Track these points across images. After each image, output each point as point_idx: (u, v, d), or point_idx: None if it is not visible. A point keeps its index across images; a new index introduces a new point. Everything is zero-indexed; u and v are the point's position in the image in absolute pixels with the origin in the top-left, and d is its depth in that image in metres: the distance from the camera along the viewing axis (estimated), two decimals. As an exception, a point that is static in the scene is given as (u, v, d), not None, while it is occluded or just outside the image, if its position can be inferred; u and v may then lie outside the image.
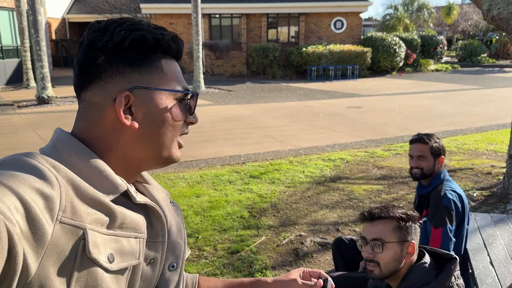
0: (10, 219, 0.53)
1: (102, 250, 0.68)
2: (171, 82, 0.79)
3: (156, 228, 0.80)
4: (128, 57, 0.74)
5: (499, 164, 5.82)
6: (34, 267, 0.58)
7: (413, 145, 2.53)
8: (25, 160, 0.65)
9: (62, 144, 0.74)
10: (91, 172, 0.72)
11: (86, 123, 0.77)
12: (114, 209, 0.70)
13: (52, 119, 9.52)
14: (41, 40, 11.41)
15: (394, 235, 1.60)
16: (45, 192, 0.60)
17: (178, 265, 0.86)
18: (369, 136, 7.77)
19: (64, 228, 0.62)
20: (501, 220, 2.78)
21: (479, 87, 15.10)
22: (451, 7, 29.33)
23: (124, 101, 0.74)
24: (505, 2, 4.25)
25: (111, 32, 0.73)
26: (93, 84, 0.75)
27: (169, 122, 0.78)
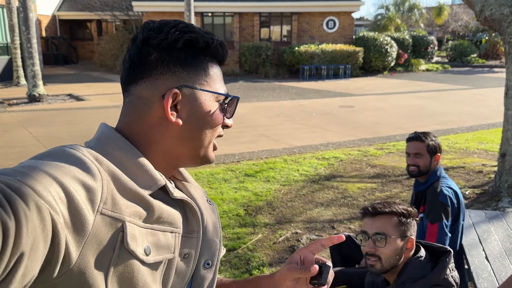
0: (54, 208, 0.55)
1: (140, 243, 0.70)
2: (215, 85, 0.82)
3: (191, 224, 0.82)
4: (179, 57, 0.78)
5: (490, 162, 5.91)
6: (75, 255, 0.60)
7: (410, 143, 2.58)
8: (70, 152, 0.67)
9: (106, 138, 0.77)
10: (132, 166, 0.74)
11: (132, 117, 0.80)
12: (152, 203, 0.73)
13: (43, 117, 9.45)
14: (32, 37, 11.31)
15: (396, 230, 1.64)
16: (88, 184, 0.63)
17: (213, 263, 0.87)
18: (362, 135, 7.83)
19: (104, 220, 0.64)
20: (495, 217, 2.84)
21: (469, 87, 15.27)
22: (442, 7, 29.58)
23: (171, 98, 0.76)
24: (497, 4, 4.32)
25: (166, 32, 0.77)
26: (144, 79, 0.78)
27: (209, 123, 0.81)
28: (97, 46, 22.06)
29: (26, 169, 0.58)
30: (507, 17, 4.24)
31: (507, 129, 4.49)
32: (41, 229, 0.51)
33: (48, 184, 0.57)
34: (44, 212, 0.52)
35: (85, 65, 23.14)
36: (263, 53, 18.28)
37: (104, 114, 9.69)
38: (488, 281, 2.02)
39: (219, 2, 19.16)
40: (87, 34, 27.12)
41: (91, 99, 12.12)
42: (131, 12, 21.41)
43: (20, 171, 0.56)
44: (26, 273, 0.50)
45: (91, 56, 24.51)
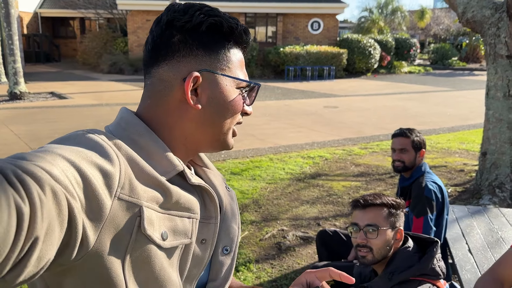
0: (71, 192, 0.55)
1: (157, 228, 0.70)
2: (236, 71, 0.81)
3: (209, 210, 0.82)
4: (203, 40, 0.77)
5: (471, 162, 6.04)
6: (93, 239, 0.60)
7: (396, 139, 2.62)
8: (89, 137, 0.67)
9: (126, 123, 0.77)
10: (150, 151, 0.74)
11: (152, 100, 0.79)
12: (170, 188, 0.72)
13: (25, 115, 9.28)
14: (13, 34, 11.10)
15: (387, 222, 1.68)
16: (105, 169, 0.63)
17: (231, 249, 0.87)
18: (346, 134, 7.91)
19: (121, 204, 0.64)
20: (478, 212, 2.92)
21: (450, 89, 15.57)
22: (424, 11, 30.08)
23: (192, 82, 0.76)
24: (479, 6, 4.42)
25: (190, 14, 0.76)
26: (166, 61, 0.77)
27: (229, 109, 0.81)
28: (80, 44, 21.80)
29: (43, 153, 0.57)
30: (488, 19, 4.34)
31: (487, 128, 4.60)
32: (57, 213, 0.51)
33: (65, 169, 0.56)
34: (60, 196, 0.52)
35: (67, 63, 22.80)
36: (248, 53, 18.22)
37: (87, 113, 9.57)
38: (471, 273, 2.07)
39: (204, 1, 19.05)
40: (70, 32, 26.75)
41: (73, 97, 11.95)
42: (115, 10, 21.19)
43: (37, 155, 0.56)
44: (42, 257, 0.50)
45: (74, 54, 24.19)
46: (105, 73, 18.49)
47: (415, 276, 1.59)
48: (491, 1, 4.44)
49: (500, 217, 2.84)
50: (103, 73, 18.52)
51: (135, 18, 19.71)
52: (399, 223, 1.72)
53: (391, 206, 1.70)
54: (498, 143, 4.47)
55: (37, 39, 23.44)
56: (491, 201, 4.30)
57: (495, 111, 4.47)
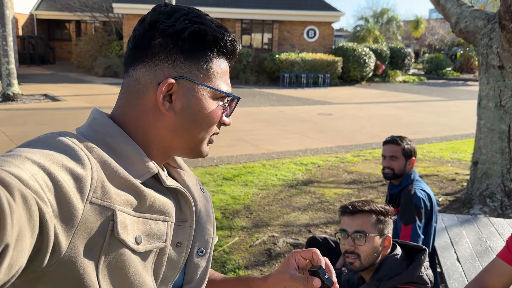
0: (42, 197, 0.54)
1: (130, 232, 0.69)
2: (217, 81, 0.79)
3: (184, 212, 0.81)
4: (184, 47, 0.75)
5: (462, 171, 6.06)
6: (65, 244, 0.59)
7: (386, 146, 2.63)
8: (59, 139, 0.65)
9: (97, 125, 0.75)
10: (123, 154, 0.73)
11: (127, 100, 0.78)
12: (144, 191, 0.71)
13: (17, 117, 9.22)
14: (7, 35, 11.05)
15: (375, 228, 1.67)
16: (76, 172, 0.61)
17: (206, 250, 0.86)
18: (339, 142, 7.92)
19: (94, 208, 0.63)
20: (467, 221, 2.92)
21: (444, 99, 15.67)
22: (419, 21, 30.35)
23: (167, 88, 0.74)
24: (472, 16, 4.46)
25: (175, 18, 0.74)
26: (143, 62, 0.76)
27: (204, 120, 0.78)
28: (75, 47, 21.72)
29: (11, 157, 0.56)
30: (481, 29, 4.38)
31: (479, 138, 4.62)
32: (28, 219, 0.50)
33: (34, 173, 0.55)
34: (30, 202, 0.50)
35: (62, 66, 22.73)
36: (244, 59, 18.34)
37: (80, 115, 9.52)
38: (459, 282, 2.07)
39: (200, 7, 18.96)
40: (65, 35, 26.68)
41: (67, 99, 11.90)
42: (111, 13, 21.20)
43: (5, 160, 0.54)
44: (13, 264, 0.48)
45: (69, 56, 24.10)
46: (100, 76, 18.44)
47: (402, 284, 1.58)
48: (483, 12, 4.49)
49: (489, 226, 2.85)
50: (98, 76, 18.47)
51: (131, 22, 19.70)
52: (387, 230, 1.71)
53: (379, 213, 1.69)
54: (489, 153, 4.49)
55: (32, 41, 23.35)
56: (481, 210, 4.31)
57: (487, 121, 4.49)
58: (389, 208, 1.74)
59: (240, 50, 0.84)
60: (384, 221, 1.70)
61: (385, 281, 1.60)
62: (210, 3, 19.43)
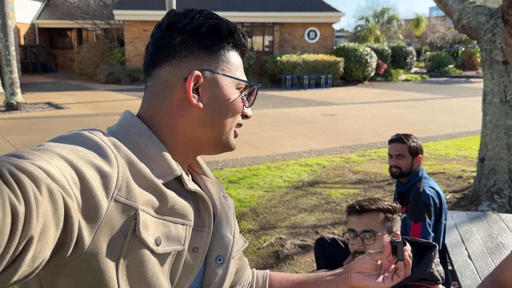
0: (68, 192, 0.55)
1: (151, 232, 0.70)
2: (236, 72, 0.83)
3: (203, 218, 0.81)
4: (203, 41, 0.79)
5: (469, 168, 6.02)
6: (88, 240, 0.60)
7: (392, 144, 2.61)
8: (89, 137, 0.67)
9: (128, 124, 0.78)
10: (150, 154, 0.74)
11: (153, 101, 0.80)
12: (166, 193, 0.72)
13: (21, 126, 9.25)
14: (10, 45, 11.11)
15: (383, 227, 1.65)
16: (103, 170, 0.63)
17: (225, 259, 0.86)
18: (343, 142, 7.90)
19: (118, 206, 0.64)
20: (476, 217, 2.89)
21: (447, 96, 15.62)
22: (420, 19, 30.32)
23: (194, 81, 0.77)
24: (474, 12, 4.44)
25: (191, 17, 0.78)
26: (167, 61, 0.79)
27: (230, 109, 0.82)
28: (77, 55, 21.80)
29: (40, 151, 0.57)
30: (484, 25, 4.36)
31: (485, 134, 4.59)
32: (53, 212, 0.51)
33: (62, 168, 0.56)
34: (56, 196, 0.51)
35: (64, 74, 22.83)
36: (246, 62, 18.28)
37: (84, 122, 9.55)
38: (471, 279, 2.04)
39: (201, 12, 19.17)
40: (67, 43, 26.80)
41: (70, 107, 11.94)
42: (112, 20, 21.28)
43: (34, 153, 0.55)
44: (36, 257, 0.49)
45: (71, 64, 24.19)
46: (102, 83, 18.50)
47: (413, 281, 1.56)
48: (486, 7, 4.46)
49: (499, 222, 2.82)
50: (100, 83, 18.53)
51: (132, 28, 19.78)
52: (395, 228, 1.69)
53: (387, 210, 1.67)
54: (495, 149, 4.46)
55: (34, 50, 23.47)
56: (489, 207, 4.28)
57: (492, 117, 4.46)
58: (396, 206, 1.72)
59: (249, 44, 0.87)
60: (392, 219, 1.68)
61: None
62: (211, 8, 19.43)
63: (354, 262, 0.97)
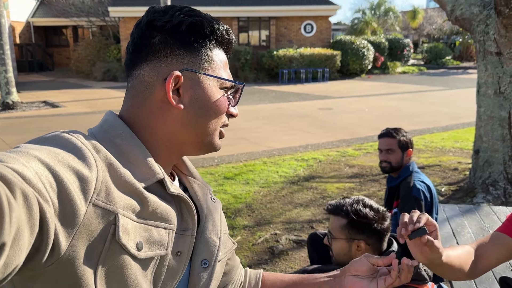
0: (44, 196, 0.53)
1: (132, 237, 0.68)
2: (219, 71, 0.80)
3: (186, 221, 0.79)
4: (183, 40, 0.76)
5: (465, 160, 6.02)
6: (65, 245, 0.58)
7: (382, 139, 2.60)
8: (68, 139, 0.65)
9: (109, 126, 0.76)
10: (131, 156, 0.72)
11: (134, 102, 0.78)
12: (147, 197, 0.70)
13: (17, 125, 9.23)
14: (4, 44, 11.06)
15: (342, 232, 1.64)
16: (81, 173, 0.61)
17: (210, 262, 0.84)
18: (340, 136, 7.89)
19: (96, 211, 0.62)
20: (469, 211, 2.89)
21: (444, 88, 15.60)
22: (416, 11, 30.21)
23: (174, 81, 0.75)
24: (467, 3, 4.42)
25: (171, 14, 0.75)
26: (146, 61, 0.76)
27: (213, 109, 0.79)
28: (73, 53, 21.72)
29: (17, 153, 0.55)
30: (477, 16, 4.34)
31: (479, 126, 4.58)
32: (27, 217, 0.49)
33: (39, 171, 0.54)
34: (31, 200, 0.49)
35: (61, 72, 22.76)
36: (242, 57, 18.30)
37: (81, 121, 9.52)
38: (462, 273, 2.03)
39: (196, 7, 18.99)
40: (63, 41, 26.70)
41: (67, 105, 11.91)
42: (107, 17, 21.19)
43: (10, 156, 0.53)
44: (9, 263, 0.47)
45: (67, 62, 24.12)
46: (99, 80, 18.45)
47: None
48: (479, -2, 4.44)
49: (491, 215, 2.81)
50: (97, 80, 18.48)
51: (128, 25, 19.70)
52: (362, 236, 1.62)
53: (350, 219, 1.61)
54: (490, 140, 4.46)
55: (30, 49, 23.38)
56: (485, 199, 4.28)
57: (487, 109, 4.45)
58: (368, 215, 1.61)
59: (235, 41, 0.85)
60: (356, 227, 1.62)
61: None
62: (206, 2, 19.39)
63: (350, 264, 0.96)
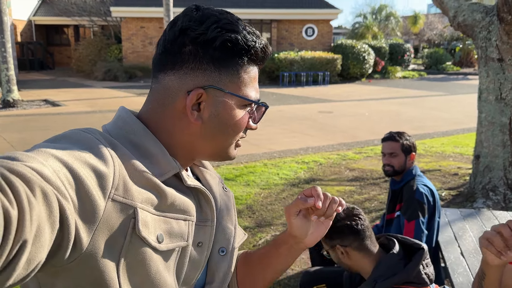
0: (63, 193, 0.54)
1: (152, 230, 0.69)
2: (246, 89, 0.78)
3: (205, 212, 0.81)
4: (214, 55, 0.73)
5: (465, 165, 6.04)
6: (86, 241, 0.59)
7: (385, 143, 2.61)
8: (84, 136, 0.66)
9: (123, 122, 0.76)
10: (146, 152, 0.73)
11: (154, 105, 0.78)
12: (165, 190, 0.71)
13: (18, 123, 9.23)
14: (6, 42, 11.06)
15: (324, 242, 1.72)
16: (99, 170, 0.62)
17: (228, 250, 0.86)
18: (340, 139, 7.91)
19: (115, 206, 0.63)
20: (470, 215, 2.91)
21: (444, 93, 15.63)
22: (417, 16, 30.30)
23: (196, 97, 0.74)
24: (470, 10, 4.45)
25: (206, 26, 0.72)
26: (173, 70, 0.75)
27: (232, 127, 0.78)
28: (74, 52, 21.72)
29: (34, 153, 0.56)
30: (479, 22, 4.36)
31: (480, 131, 4.60)
32: (48, 215, 0.50)
33: (57, 169, 0.55)
34: (50, 198, 0.51)
35: (61, 71, 22.76)
36: (243, 59, 18.31)
37: (81, 120, 9.53)
38: (464, 276, 2.05)
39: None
40: (64, 40, 26.72)
41: (67, 104, 11.91)
42: (109, 17, 21.22)
43: (28, 155, 0.54)
44: (31, 260, 0.49)
45: (68, 61, 24.12)
46: (99, 80, 18.45)
47: (398, 284, 1.55)
48: (481, 4, 4.47)
49: (492, 219, 2.83)
50: (97, 80, 18.48)
51: (129, 25, 19.73)
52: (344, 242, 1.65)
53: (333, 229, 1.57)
54: (491, 146, 4.48)
55: (31, 47, 23.39)
56: (485, 204, 4.30)
57: (488, 114, 4.47)
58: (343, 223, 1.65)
59: (271, 53, 0.82)
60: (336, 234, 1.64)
61: (381, 281, 1.56)
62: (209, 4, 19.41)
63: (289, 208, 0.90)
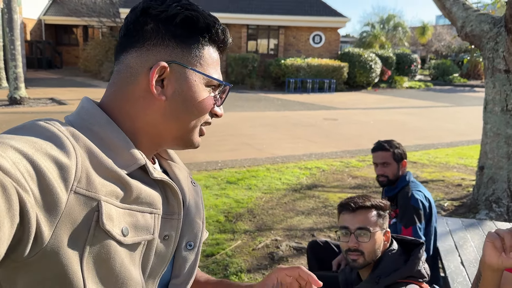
0: (23, 186, 0.53)
1: (116, 223, 0.67)
2: (208, 69, 0.79)
3: (172, 205, 0.80)
4: (176, 32, 0.75)
5: (468, 177, 6.00)
6: (48, 234, 0.58)
7: (376, 153, 2.60)
8: (45, 127, 0.64)
9: (86, 113, 0.75)
10: (111, 144, 0.71)
11: (117, 87, 0.77)
12: (130, 182, 0.70)
13: (23, 120, 9.22)
14: (15, 39, 11.16)
15: (377, 224, 1.66)
16: (61, 161, 0.60)
17: (195, 244, 0.85)
18: (344, 147, 7.89)
19: (78, 199, 0.62)
20: (472, 225, 2.88)
21: (450, 104, 15.58)
22: (426, 27, 30.31)
23: (159, 72, 0.74)
24: (477, 20, 4.44)
25: (167, 4, 0.74)
26: (135, 48, 0.75)
27: (196, 106, 0.78)
28: (83, 52, 21.86)
29: None
30: (487, 33, 4.35)
31: (485, 142, 4.57)
32: (7, 208, 0.49)
33: (16, 161, 0.54)
34: (10, 191, 0.49)
35: (69, 70, 22.90)
36: (250, 64, 18.37)
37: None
38: (463, 285, 2.03)
39: (207, 13, 19.25)
40: (73, 40, 26.89)
41: (73, 103, 11.98)
42: (118, 19, 21.33)
43: None
44: None
45: (76, 61, 24.25)
46: (106, 80, 18.54)
47: (402, 279, 1.58)
48: (489, 15, 4.46)
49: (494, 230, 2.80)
50: (104, 80, 18.58)
51: None
52: (386, 225, 1.71)
53: (379, 207, 1.69)
54: (495, 157, 4.44)
55: (40, 46, 23.55)
56: (487, 216, 4.26)
57: (493, 126, 4.45)
58: (386, 203, 1.75)
59: (231, 42, 0.84)
60: (383, 216, 1.70)
61: (385, 277, 1.59)
62: (216, 9, 19.51)
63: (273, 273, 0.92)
